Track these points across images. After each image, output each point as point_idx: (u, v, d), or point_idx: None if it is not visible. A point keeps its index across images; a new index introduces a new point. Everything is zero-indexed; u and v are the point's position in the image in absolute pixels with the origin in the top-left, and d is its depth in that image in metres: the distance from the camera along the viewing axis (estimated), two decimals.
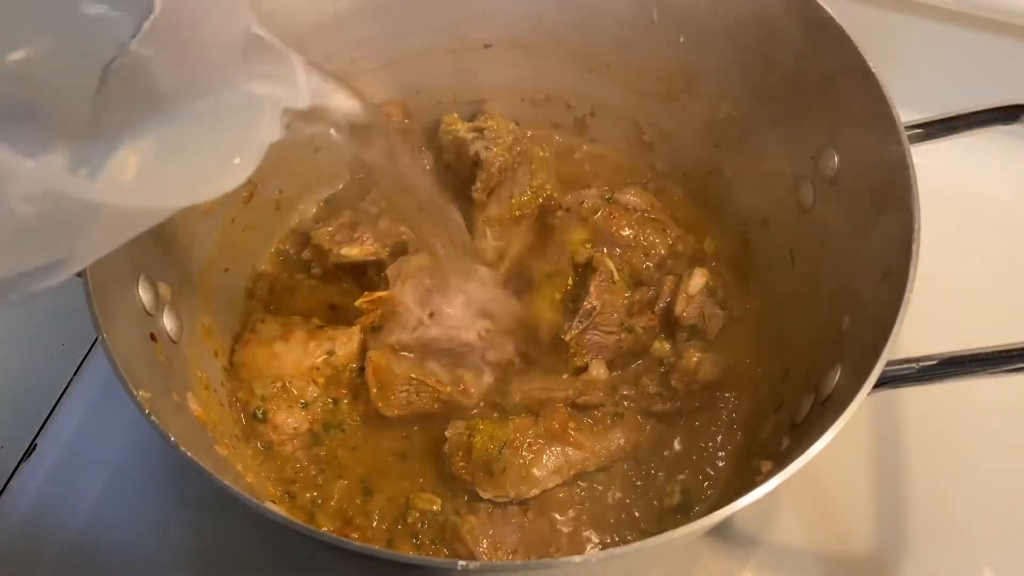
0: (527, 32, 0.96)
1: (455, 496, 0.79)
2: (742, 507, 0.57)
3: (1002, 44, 1.05)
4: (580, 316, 0.82)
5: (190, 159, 0.52)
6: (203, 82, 0.52)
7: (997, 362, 0.63)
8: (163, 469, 0.86)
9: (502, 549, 0.75)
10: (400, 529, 0.78)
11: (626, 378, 0.85)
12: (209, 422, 0.75)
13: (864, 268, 0.73)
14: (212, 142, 0.53)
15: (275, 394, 0.82)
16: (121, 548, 0.83)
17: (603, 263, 0.84)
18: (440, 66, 0.99)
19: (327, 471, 0.81)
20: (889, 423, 0.90)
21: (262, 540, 0.83)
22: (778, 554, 0.83)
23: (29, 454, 0.88)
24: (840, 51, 0.76)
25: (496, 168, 0.92)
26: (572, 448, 0.79)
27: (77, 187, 0.36)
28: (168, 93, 0.51)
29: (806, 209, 0.85)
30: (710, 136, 0.95)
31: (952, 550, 0.83)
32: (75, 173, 0.40)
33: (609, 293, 0.83)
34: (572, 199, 0.93)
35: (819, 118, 0.81)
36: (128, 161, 0.49)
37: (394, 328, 0.85)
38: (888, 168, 0.72)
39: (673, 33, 0.91)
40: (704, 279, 0.86)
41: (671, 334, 0.86)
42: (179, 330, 0.77)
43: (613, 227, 0.89)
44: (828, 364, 0.71)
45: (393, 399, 0.81)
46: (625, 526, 0.79)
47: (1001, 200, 1.07)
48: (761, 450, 0.78)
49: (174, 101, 0.51)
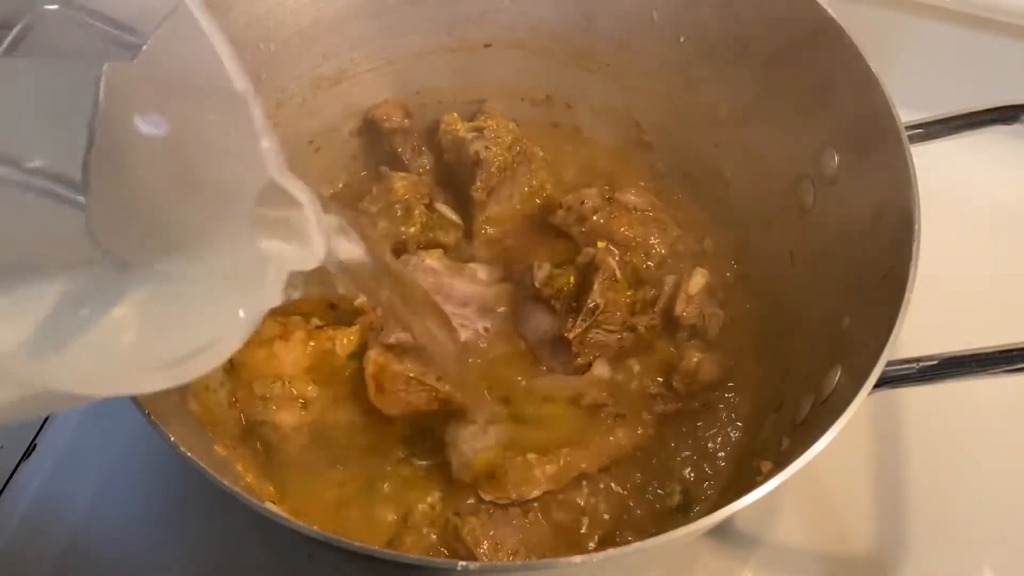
0: (527, 32, 0.96)
1: (456, 497, 0.79)
2: (742, 507, 0.57)
3: (1002, 44, 1.05)
4: (583, 314, 0.82)
5: (171, 335, 0.42)
6: (212, 234, 0.45)
7: (997, 362, 0.63)
8: (163, 469, 0.86)
9: (503, 550, 0.75)
10: (400, 529, 0.78)
11: (627, 378, 0.85)
12: (209, 422, 0.75)
13: (864, 268, 0.73)
14: (201, 312, 0.44)
15: (275, 394, 0.82)
16: (121, 548, 0.83)
17: (605, 262, 0.84)
18: (440, 66, 0.99)
19: (327, 470, 0.81)
20: (889, 423, 0.90)
21: (261, 540, 0.83)
22: (778, 554, 0.83)
23: (29, 454, 0.88)
24: (840, 51, 0.76)
25: (496, 168, 0.92)
26: (574, 449, 0.79)
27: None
28: (170, 245, 0.44)
29: (806, 209, 0.85)
30: (710, 136, 0.95)
31: (952, 550, 0.83)
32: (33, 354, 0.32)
33: (612, 292, 0.83)
34: (572, 199, 0.93)
35: (819, 118, 0.81)
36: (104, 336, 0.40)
37: (393, 327, 0.84)
38: (888, 168, 0.72)
39: (673, 33, 0.91)
40: (704, 279, 0.86)
41: (672, 334, 0.86)
42: None
43: (613, 227, 0.89)
44: (828, 364, 0.71)
45: (393, 398, 0.81)
46: (625, 526, 0.79)
47: (1001, 200, 1.07)
48: (761, 450, 0.78)
49: (173, 255, 0.43)
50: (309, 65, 0.91)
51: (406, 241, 0.90)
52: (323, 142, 0.98)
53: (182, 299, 0.44)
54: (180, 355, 0.40)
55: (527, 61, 0.99)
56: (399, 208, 0.91)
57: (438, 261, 0.89)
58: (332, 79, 0.94)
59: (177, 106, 0.44)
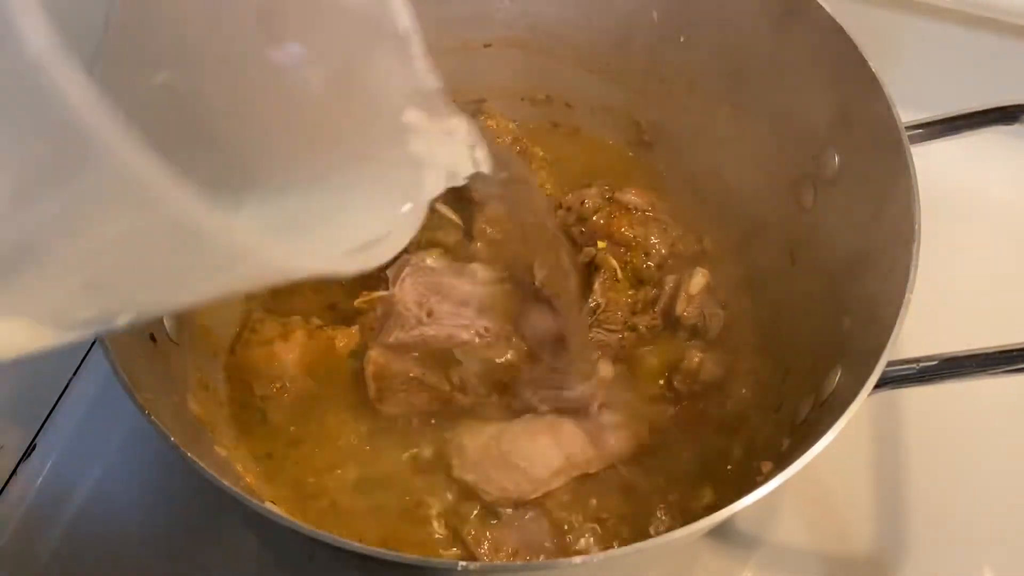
0: (527, 32, 0.96)
1: (456, 497, 0.79)
2: (742, 507, 0.57)
3: (1002, 44, 1.05)
4: (584, 314, 0.82)
5: (350, 230, 0.47)
6: (365, 135, 0.48)
7: (997, 362, 0.63)
8: (163, 469, 0.86)
9: (503, 550, 0.75)
10: (401, 529, 0.78)
11: (629, 378, 0.85)
12: (209, 422, 0.75)
13: (864, 268, 0.73)
14: (371, 209, 0.48)
15: (275, 394, 0.82)
16: (121, 548, 0.83)
17: (607, 261, 0.84)
18: (440, 66, 0.98)
19: (327, 471, 0.81)
20: (889, 423, 0.90)
21: (262, 541, 0.83)
22: (778, 554, 0.83)
23: (29, 454, 0.88)
24: (840, 51, 0.76)
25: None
26: (575, 449, 0.79)
27: (215, 223, 0.31)
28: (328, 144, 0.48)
29: (806, 209, 0.85)
30: (710, 136, 0.95)
31: (952, 550, 0.83)
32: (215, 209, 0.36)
33: (613, 291, 0.83)
34: (573, 198, 0.93)
35: (819, 118, 0.82)
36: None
37: (394, 328, 0.84)
38: (888, 168, 0.72)
39: (673, 33, 0.91)
40: (705, 279, 0.86)
41: (672, 334, 0.86)
42: (179, 330, 0.77)
43: (613, 227, 0.89)
44: (828, 364, 0.71)
45: (393, 399, 0.81)
46: (626, 526, 0.79)
47: (1001, 200, 1.07)
48: (761, 450, 0.78)
49: (333, 154, 0.48)
50: None
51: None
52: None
53: (354, 201, 0.48)
54: (362, 243, 0.45)
55: (527, 61, 0.99)
56: None
57: (438, 261, 0.89)
58: None
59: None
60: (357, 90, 0.49)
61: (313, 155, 0.49)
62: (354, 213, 0.48)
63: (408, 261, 0.87)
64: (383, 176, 0.49)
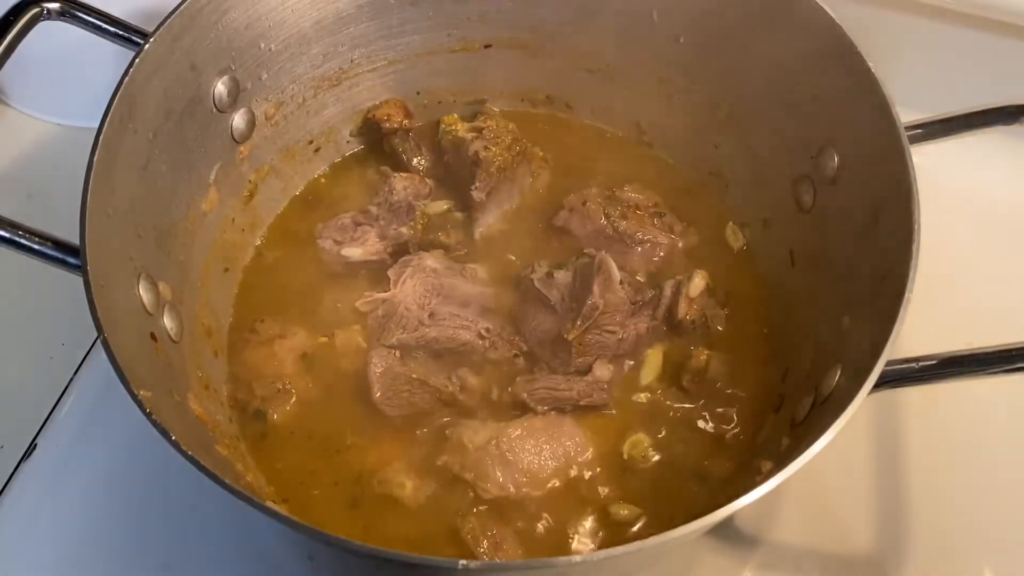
0: (527, 32, 0.97)
1: (457, 495, 0.79)
2: (742, 507, 0.57)
3: (1002, 44, 1.05)
4: (583, 315, 0.82)
5: None
6: None
7: (997, 362, 0.63)
8: (163, 469, 0.86)
9: (503, 549, 0.75)
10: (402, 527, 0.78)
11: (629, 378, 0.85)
12: (209, 422, 0.75)
13: (864, 268, 0.73)
14: None
15: (275, 394, 0.82)
16: (121, 548, 0.83)
17: (605, 262, 0.84)
18: (440, 66, 0.99)
19: (327, 471, 0.81)
20: (889, 423, 0.90)
21: (262, 540, 0.83)
22: (778, 554, 0.83)
23: (29, 454, 0.88)
24: (840, 51, 0.76)
25: (495, 168, 0.92)
26: (575, 448, 0.79)
27: None
28: None
29: (806, 209, 0.85)
30: (710, 136, 0.95)
31: (952, 550, 0.83)
32: None
33: (611, 292, 0.83)
34: (573, 198, 0.93)
35: (819, 118, 0.82)
36: None
37: (395, 328, 0.85)
38: (888, 168, 0.72)
39: (673, 33, 0.91)
40: (704, 281, 0.86)
41: (674, 336, 0.86)
42: (179, 330, 0.77)
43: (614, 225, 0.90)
44: (828, 364, 0.71)
45: (394, 399, 0.81)
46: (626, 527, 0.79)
47: (1001, 200, 1.07)
48: (761, 450, 0.78)
49: None
50: (309, 65, 0.91)
51: (407, 241, 0.90)
52: (323, 142, 0.98)
53: None
54: None
55: (527, 61, 0.99)
56: (400, 208, 0.91)
57: (438, 261, 0.89)
58: (332, 79, 0.94)
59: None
60: None
61: None
62: None
63: (410, 262, 0.88)
64: None
